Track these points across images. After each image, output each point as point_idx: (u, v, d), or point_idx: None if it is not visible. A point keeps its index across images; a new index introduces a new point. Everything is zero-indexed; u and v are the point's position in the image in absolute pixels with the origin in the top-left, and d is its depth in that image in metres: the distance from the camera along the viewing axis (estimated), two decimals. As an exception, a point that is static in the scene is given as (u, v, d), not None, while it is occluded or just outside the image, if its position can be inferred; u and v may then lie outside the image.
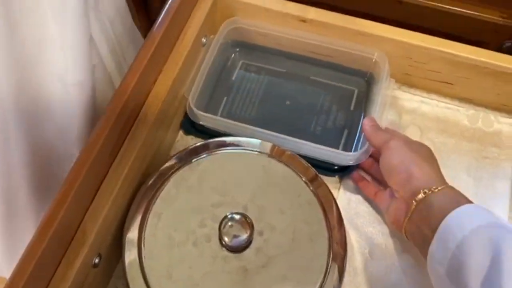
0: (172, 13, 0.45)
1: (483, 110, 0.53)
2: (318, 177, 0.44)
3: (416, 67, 0.51)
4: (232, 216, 0.41)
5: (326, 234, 0.41)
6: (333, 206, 0.43)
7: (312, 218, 0.42)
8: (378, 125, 0.45)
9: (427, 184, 0.39)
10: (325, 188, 0.44)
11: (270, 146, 0.46)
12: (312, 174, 0.44)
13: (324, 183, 0.44)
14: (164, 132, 0.48)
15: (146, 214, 0.41)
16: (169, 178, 0.43)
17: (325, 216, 0.42)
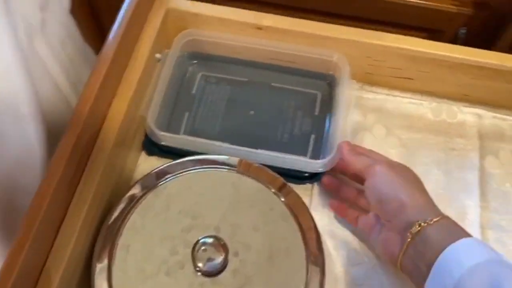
0: (122, 32, 0.43)
1: (446, 102, 0.53)
2: (290, 188, 0.43)
3: (376, 65, 0.51)
4: (205, 239, 0.39)
5: (303, 247, 0.40)
6: (307, 217, 0.42)
7: (287, 232, 0.41)
8: (355, 148, 0.44)
9: (421, 215, 0.37)
10: (297, 198, 0.43)
11: (238, 161, 0.44)
12: (283, 186, 0.43)
13: (296, 194, 0.43)
14: (125, 156, 0.45)
15: (113, 248, 0.39)
16: (135, 207, 0.41)
17: (300, 228, 0.41)
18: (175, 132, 0.49)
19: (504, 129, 0.52)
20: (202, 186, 0.43)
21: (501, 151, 0.51)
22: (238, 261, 0.39)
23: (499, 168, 0.50)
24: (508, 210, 0.47)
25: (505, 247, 0.46)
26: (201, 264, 0.38)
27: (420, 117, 0.53)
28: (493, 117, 0.53)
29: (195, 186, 0.42)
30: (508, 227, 0.47)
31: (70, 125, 0.37)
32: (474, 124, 0.52)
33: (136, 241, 0.39)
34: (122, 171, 0.45)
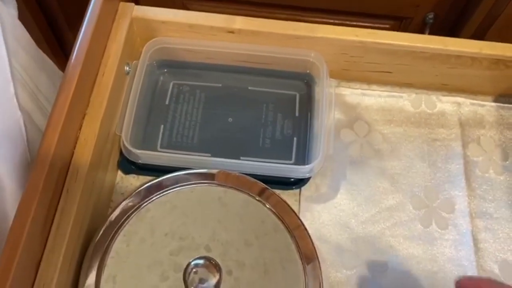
0: (86, 48, 0.40)
1: (425, 93, 0.53)
2: (278, 197, 0.41)
3: (353, 61, 0.50)
4: (196, 261, 0.37)
5: (298, 258, 0.39)
6: (299, 226, 0.40)
7: (280, 244, 0.39)
8: None
9: None
10: (287, 208, 0.41)
11: (221, 173, 0.42)
12: (271, 195, 0.41)
13: (285, 202, 0.41)
14: (102, 179, 0.43)
15: (98, 280, 0.36)
16: (117, 234, 0.38)
17: (292, 238, 0.40)
18: (151, 148, 0.47)
19: (483, 115, 0.52)
20: (186, 205, 0.40)
21: (482, 138, 0.51)
22: (233, 280, 0.38)
23: (482, 155, 0.50)
24: (494, 197, 0.48)
25: (495, 235, 0.46)
26: (193, 287, 0.36)
27: (400, 109, 0.52)
28: (472, 104, 0.52)
29: (179, 206, 0.40)
30: (496, 214, 0.47)
31: (38, 158, 0.34)
32: (454, 113, 0.52)
33: (123, 270, 0.37)
34: (100, 194, 0.42)
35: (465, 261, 0.44)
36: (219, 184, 0.42)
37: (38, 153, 0.35)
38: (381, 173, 0.48)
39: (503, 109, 0.52)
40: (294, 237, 0.40)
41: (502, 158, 0.50)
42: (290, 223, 0.40)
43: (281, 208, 0.41)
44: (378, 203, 0.47)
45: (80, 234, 0.38)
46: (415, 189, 0.47)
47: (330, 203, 0.47)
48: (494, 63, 0.48)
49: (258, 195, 0.41)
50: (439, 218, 0.46)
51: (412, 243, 0.45)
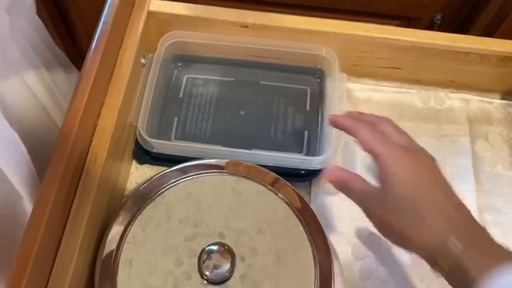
0: (104, 41, 0.41)
1: (433, 89, 0.54)
2: (290, 187, 0.42)
3: (364, 57, 0.51)
4: (210, 247, 0.38)
5: (309, 247, 0.40)
6: (311, 215, 0.41)
7: (292, 232, 0.40)
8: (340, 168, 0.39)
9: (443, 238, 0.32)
10: (298, 197, 0.42)
11: (234, 163, 0.43)
12: (283, 185, 0.42)
13: (296, 192, 0.42)
14: (118, 168, 0.44)
15: (115, 264, 0.37)
16: (133, 220, 0.39)
17: (304, 227, 0.40)
18: (165, 138, 0.48)
19: (491, 112, 0.53)
20: (201, 193, 0.41)
21: (490, 134, 0.51)
22: (246, 266, 0.38)
23: (490, 151, 0.50)
24: (502, 192, 0.48)
25: (503, 229, 0.46)
26: (208, 272, 0.37)
27: (410, 105, 0.53)
28: (480, 101, 0.53)
29: (193, 194, 0.41)
30: (503, 208, 0.47)
31: (59, 142, 0.35)
32: (463, 109, 0.53)
33: (139, 255, 0.38)
34: (116, 183, 0.43)
35: (473, 254, 0.45)
36: (231, 174, 0.42)
37: (58, 138, 0.36)
38: (391, 166, 0.49)
39: (510, 106, 0.53)
40: (306, 226, 0.41)
41: (510, 154, 0.51)
42: (301, 212, 0.41)
43: (293, 198, 0.42)
44: (387, 196, 0.47)
45: (98, 218, 0.39)
46: (424, 183, 0.48)
47: (340, 196, 0.47)
48: (503, 61, 0.49)
49: (270, 184, 0.42)
50: (448, 211, 0.47)
51: (421, 235, 0.45)
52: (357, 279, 0.43)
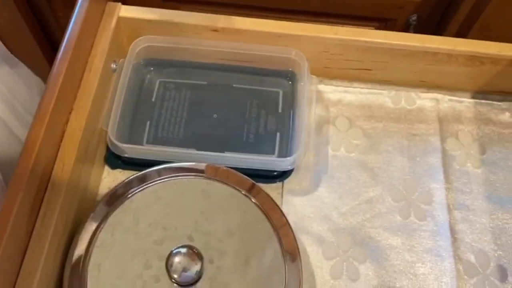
0: (72, 46, 0.42)
1: (404, 90, 0.54)
2: (260, 189, 0.43)
3: (334, 59, 0.51)
4: (178, 250, 0.38)
5: (279, 248, 0.40)
6: (281, 217, 0.42)
7: (262, 234, 0.41)
8: None
9: None
10: (269, 199, 0.42)
11: (205, 166, 0.43)
12: (253, 187, 0.43)
13: (267, 194, 0.42)
14: (88, 173, 0.44)
15: (84, 268, 0.37)
16: (102, 224, 0.39)
17: (274, 229, 0.41)
18: (137, 143, 0.48)
19: (461, 111, 0.54)
20: (170, 196, 0.42)
21: (460, 133, 0.52)
22: (215, 268, 0.39)
23: (460, 149, 0.51)
24: (471, 190, 0.49)
25: (472, 225, 0.47)
26: (176, 275, 0.37)
27: (381, 106, 0.53)
28: (450, 101, 0.54)
29: (163, 197, 0.42)
30: (473, 206, 0.48)
31: (25, 148, 0.36)
32: (433, 109, 0.53)
33: (108, 259, 0.38)
34: (86, 188, 0.44)
35: (443, 251, 0.45)
36: (201, 177, 0.43)
37: (24, 145, 0.36)
38: (362, 167, 0.49)
39: (481, 105, 0.54)
40: (276, 228, 0.41)
41: (480, 152, 0.51)
42: (272, 214, 0.42)
43: (263, 200, 0.42)
44: (358, 196, 0.48)
45: (66, 225, 0.39)
46: (395, 182, 0.49)
47: (312, 196, 0.48)
48: (470, 60, 0.50)
49: (241, 187, 0.42)
50: (418, 210, 0.47)
51: (391, 234, 0.46)
52: (328, 279, 0.44)
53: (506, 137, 0.52)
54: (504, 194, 0.49)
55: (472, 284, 0.44)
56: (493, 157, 0.51)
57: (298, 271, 0.40)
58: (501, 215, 0.48)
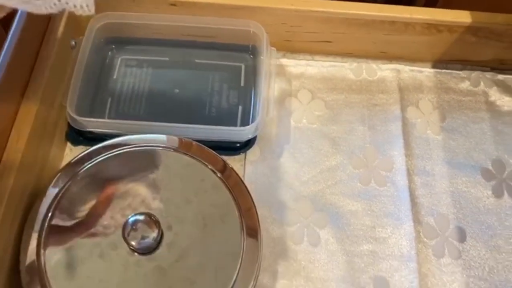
0: (27, 20, 0.42)
1: (365, 61, 0.55)
2: (217, 157, 0.43)
3: (294, 31, 0.52)
4: (136, 217, 0.38)
5: (237, 213, 0.40)
6: (239, 183, 0.42)
7: (220, 200, 0.41)
8: None
9: None
10: (227, 167, 0.43)
11: (165, 138, 0.44)
12: (211, 156, 0.43)
13: (224, 160, 0.43)
14: (46, 149, 0.44)
15: (39, 247, 0.37)
16: (60, 196, 0.39)
17: (232, 194, 0.41)
18: (98, 118, 0.48)
19: (422, 80, 0.54)
20: (127, 167, 0.42)
21: (420, 101, 0.53)
22: (173, 235, 0.39)
23: (420, 118, 0.52)
24: (431, 156, 0.50)
25: (432, 189, 0.48)
26: (134, 242, 0.38)
27: (343, 78, 0.54)
28: (411, 71, 0.55)
29: (119, 168, 0.42)
30: (433, 171, 0.49)
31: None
32: (394, 79, 0.54)
33: (66, 227, 0.38)
34: (45, 164, 0.43)
35: (403, 215, 0.46)
36: (160, 147, 0.43)
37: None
38: (323, 137, 0.50)
39: (441, 74, 0.55)
40: (234, 194, 0.41)
41: (440, 119, 0.52)
42: (230, 181, 0.42)
43: (221, 168, 0.42)
44: (320, 165, 0.48)
45: (22, 198, 0.39)
46: (356, 150, 0.49)
47: (274, 166, 0.48)
48: (427, 28, 0.50)
49: (199, 156, 0.43)
50: (378, 176, 0.48)
51: (352, 200, 0.47)
52: (290, 244, 0.44)
53: (466, 104, 0.53)
54: (464, 159, 0.50)
55: (431, 246, 0.45)
56: (453, 124, 0.52)
57: (257, 236, 0.40)
58: (461, 179, 0.49)
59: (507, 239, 0.46)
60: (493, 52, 0.53)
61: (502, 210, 0.47)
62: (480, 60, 0.55)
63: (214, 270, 0.38)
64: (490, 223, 0.46)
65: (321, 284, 0.43)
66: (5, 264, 0.37)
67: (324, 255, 0.44)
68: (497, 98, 0.54)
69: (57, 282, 0.36)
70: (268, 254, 0.43)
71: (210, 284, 0.38)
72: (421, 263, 0.44)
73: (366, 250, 0.44)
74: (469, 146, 0.51)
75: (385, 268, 0.44)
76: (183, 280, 0.38)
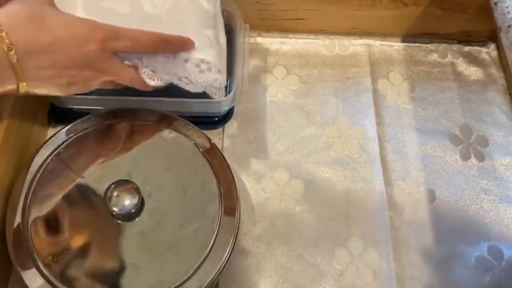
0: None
1: (337, 38, 0.57)
2: (196, 129, 0.45)
3: (267, 9, 0.54)
4: (116, 185, 0.40)
5: (214, 179, 0.42)
6: (216, 152, 0.44)
7: (198, 167, 0.43)
8: None
9: None
10: (205, 137, 0.44)
11: (145, 111, 0.45)
12: (189, 127, 0.45)
13: (200, 131, 0.45)
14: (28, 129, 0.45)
15: (26, 201, 0.39)
16: (43, 167, 0.41)
17: (210, 162, 0.43)
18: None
19: (392, 54, 0.57)
20: (109, 139, 0.44)
21: (391, 74, 0.55)
22: (153, 201, 0.41)
23: (390, 89, 0.54)
24: (401, 123, 0.52)
25: (403, 155, 0.50)
26: (116, 209, 0.39)
27: (316, 54, 0.56)
28: (381, 45, 0.57)
29: (102, 140, 0.43)
30: (403, 138, 0.51)
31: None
32: (365, 53, 0.56)
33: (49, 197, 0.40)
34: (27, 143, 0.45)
35: (375, 180, 0.48)
36: (140, 121, 0.45)
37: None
38: (298, 109, 0.52)
39: (410, 48, 0.57)
40: (211, 162, 0.43)
41: (410, 90, 0.54)
42: (207, 150, 0.44)
43: (200, 139, 0.44)
44: (295, 136, 0.50)
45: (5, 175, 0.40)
46: (329, 121, 0.52)
47: (251, 139, 0.50)
48: (393, 2, 0.53)
49: (177, 128, 0.44)
50: (351, 144, 0.50)
51: (327, 168, 0.49)
52: (267, 211, 0.46)
53: (435, 75, 0.56)
54: (433, 126, 0.52)
55: (403, 207, 0.47)
56: (422, 94, 0.54)
57: (235, 200, 0.42)
58: (430, 145, 0.51)
59: (474, 199, 0.48)
60: (458, 25, 0.56)
61: (469, 172, 0.49)
62: (447, 33, 0.57)
63: (193, 233, 0.40)
64: (458, 184, 0.49)
65: (299, 247, 0.45)
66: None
67: (301, 220, 0.46)
68: (464, 68, 0.56)
69: (40, 250, 0.38)
70: (246, 220, 0.45)
71: (190, 246, 0.39)
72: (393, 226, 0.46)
73: (341, 214, 0.46)
74: (437, 113, 0.53)
75: (358, 231, 0.46)
76: (164, 244, 0.39)
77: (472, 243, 0.46)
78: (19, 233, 0.38)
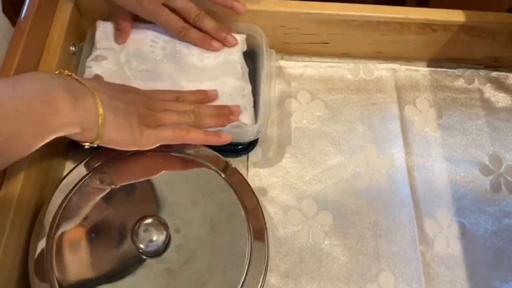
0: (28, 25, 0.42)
1: (362, 62, 0.56)
2: (223, 159, 0.43)
3: (291, 33, 0.52)
4: (143, 221, 0.39)
5: (243, 213, 0.41)
6: (244, 184, 0.42)
7: (226, 201, 0.41)
8: None
9: None
10: (232, 168, 0.43)
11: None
12: (216, 158, 0.43)
13: (229, 163, 0.43)
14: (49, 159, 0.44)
15: (50, 234, 0.38)
16: (66, 201, 0.40)
17: (238, 196, 0.42)
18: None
19: (418, 79, 0.55)
20: (133, 172, 0.42)
21: (417, 100, 0.54)
22: (181, 237, 0.39)
23: (418, 115, 0.53)
24: (430, 152, 0.51)
25: (432, 185, 0.49)
26: (143, 245, 0.38)
27: (341, 78, 0.55)
28: (407, 70, 0.56)
29: (126, 174, 0.42)
30: (432, 167, 0.50)
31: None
32: (390, 79, 0.55)
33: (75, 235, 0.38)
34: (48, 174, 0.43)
35: (405, 211, 0.47)
36: (165, 152, 0.43)
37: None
38: (324, 136, 0.51)
39: (436, 73, 0.56)
40: (239, 194, 0.42)
41: (437, 117, 0.53)
42: (235, 182, 0.42)
43: (227, 169, 0.43)
44: (321, 164, 0.49)
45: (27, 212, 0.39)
46: (356, 149, 0.50)
47: (276, 167, 0.49)
48: (421, 28, 0.51)
49: (204, 159, 0.43)
50: (379, 174, 0.49)
51: (355, 199, 0.47)
52: (294, 244, 0.45)
53: (462, 102, 0.54)
54: (462, 155, 0.51)
55: (434, 240, 0.46)
56: (450, 121, 0.53)
57: (264, 237, 0.40)
58: (459, 175, 0.50)
59: (505, 232, 0.47)
60: (486, 50, 0.55)
61: (500, 204, 0.48)
62: (474, 58, 0.56)
63: (222, 271, 0.39)
64: (489, 216, 0.47)
65: (329, 283, 0.43)
66: (15, 269, 0.37)
67: (330, 253, 0.44)
68: (492, 95, 0.55)
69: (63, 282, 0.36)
70: (274, 254, 0.44)
71: (219, 285, 0.38)
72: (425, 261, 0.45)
73: (370, 247, 0.45)
74: (466, 142, 0.52)
75: (389, 266, 0.44)
76: (193, 282, 0.38)
77: (507, 279, 0.44)
78: (42, 266, 0.37)
